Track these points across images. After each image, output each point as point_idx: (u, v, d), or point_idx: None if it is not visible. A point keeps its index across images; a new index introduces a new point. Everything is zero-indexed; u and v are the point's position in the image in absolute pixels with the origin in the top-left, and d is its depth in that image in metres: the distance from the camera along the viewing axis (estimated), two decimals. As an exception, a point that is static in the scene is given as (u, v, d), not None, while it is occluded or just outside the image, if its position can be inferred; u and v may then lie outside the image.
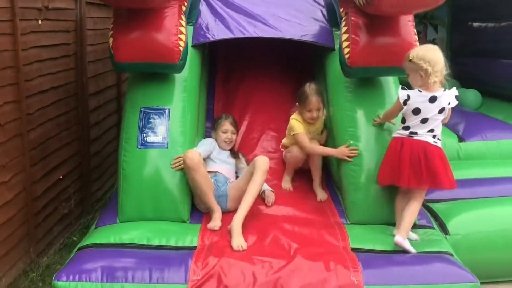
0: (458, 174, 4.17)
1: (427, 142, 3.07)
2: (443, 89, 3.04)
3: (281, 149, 3.97)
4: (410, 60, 2.98)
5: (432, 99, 3.02)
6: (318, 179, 3.69)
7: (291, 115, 3.80)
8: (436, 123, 3.07)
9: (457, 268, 2.79)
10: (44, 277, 3.69)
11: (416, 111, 3.04)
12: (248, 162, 3.72)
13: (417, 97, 3.03)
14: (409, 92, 3.05)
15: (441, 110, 3.04)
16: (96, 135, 5.02)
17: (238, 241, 2.91)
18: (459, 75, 6.90)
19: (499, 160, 4.48)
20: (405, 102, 3.04)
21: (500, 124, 4.94)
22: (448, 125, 4.95)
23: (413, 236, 3.10)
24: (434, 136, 3.09)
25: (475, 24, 6.58)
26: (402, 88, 3.10)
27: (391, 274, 2.70)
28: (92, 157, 4.92)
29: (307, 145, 3.60)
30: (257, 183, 3.16)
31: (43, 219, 3.97)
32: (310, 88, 3.63)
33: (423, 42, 7.77)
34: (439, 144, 3.12)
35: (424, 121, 3.05)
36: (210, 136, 3.94)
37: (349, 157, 3.38)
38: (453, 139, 4.65)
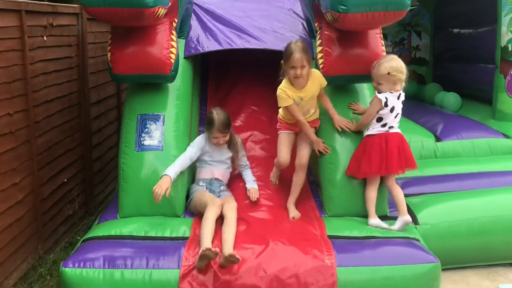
0: (434, 171, 4.54)
1: (399, 133, 3.56)
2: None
3: (278, 123, 3.87)
4: (388, 73, 3.38)
5: (399, 96, 3.50)
6: (294, 197, 3.66)
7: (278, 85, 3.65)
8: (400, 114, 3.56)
9: (421, 251, 3.10)
10: (51, 271, 3.99)
11: (392, 109, 3.48)
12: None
13: (392, 98, 3.47)
14: (386, 94, 3.46)
15: (402, 103, 3.52)
16: (98, 141, 5.32)
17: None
18: (441, 79, 7.26)
19: (473, 158, 4.78)
20: (385, 104, 3.44)
21: (475, 125, 5.23)
22: (427, 126, 5.29)
23: (385, 225, 3.43)
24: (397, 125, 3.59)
25: (456, 31, 6.88)
26: (379, 93, 3.48)
27: (361, 257, 3.01)
28: (94, 162, 5.21)
29: (299, 118, 3.56)
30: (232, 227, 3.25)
31: (49, 219, 4.27)
32: (295, 44, 3.45)
33: (407, 47, 8.10)
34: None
35: (396, 115, 3.53)
36: None
37: (321, 153, 3.65)
38: (430, 139, 4.96)
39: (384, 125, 3.51)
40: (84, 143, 4.97)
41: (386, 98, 3.44)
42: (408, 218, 3.40)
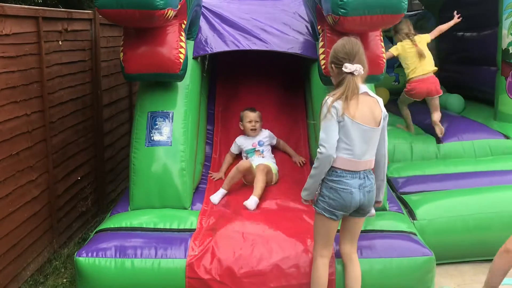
0: (435, 171, 4.64)
1: None
2: None
3: None
4: None
5: None
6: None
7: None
8: None
9: (417, 245, 3.23)
10: (66, 264, 4.16)
11: None
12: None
13: None
14: None
15: None
16: (110, 142, 5.50)
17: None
18: (445, 81, 7.33)
19: (473, 158, 4.88)
20: None
21: (476, 126, 5.32)
22: (430, 128, 5.40)
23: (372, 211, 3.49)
24: None
25: (460, 34, 6.98)
26: None
27: (359, 249, 3.11)
28: (106, 161, 5.38)
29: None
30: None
31: (64, 215, 4.44)
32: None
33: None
34: None
35: None
36: (212, 138, 4.50)
37: None
38: (432, 140, 5.07)
39: None
40: (97, 143, 5.14)
41: None
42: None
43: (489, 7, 5.80)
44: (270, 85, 5.01)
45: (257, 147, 4.38)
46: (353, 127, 2.73)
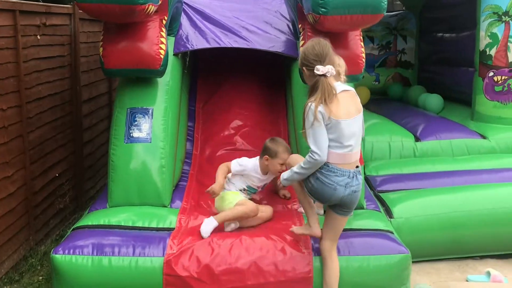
0: (413, 169, 4.71)
1: None
2: None
3: None
4: None
5: None
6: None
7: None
8: None
9: (393, 243, 3.27)
10: (42, 262, 4.11)
11: None
12: None
13: None
14: None
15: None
16: (89, 138, 5.45)
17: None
18: (425, 81, 7.47)
19: (451, 157, 4.96)
20: None
21: (454, 126, 5.41)
22: (408, 127, 5.48)
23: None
24: None
25: (439, 35, 7.09)
26: None
27: (337, 247, 3.12)
28: (85, 158, 5.33)
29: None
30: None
31: (41, 211, 4.38)
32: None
33: (393, 51, 8.31)
34: None
35: None
36: (193, 135, 4.40)
37: None
38: (410, 139, 5.14)
39: None
40: (75, 139, 5.09)
41: None
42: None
43: (467, 9, 5.90)
44: (251, 83, 5.01)
45: (259, 189, 3.71)
46: (341, 125, 2.79)
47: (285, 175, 2.98)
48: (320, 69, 2.79)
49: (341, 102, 2.81)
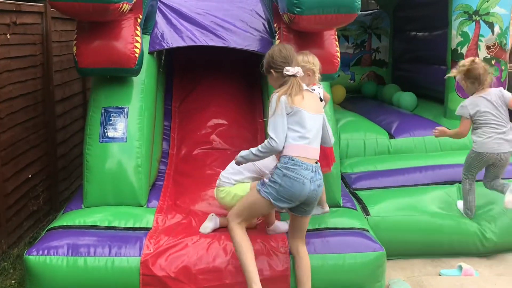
0: (387, 165, 4.79)
1: None
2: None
3: None
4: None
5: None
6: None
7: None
8: None
9: (368, 240, 3.32)
10: (15, 265, 4.02)
11: None
12: None
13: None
14: None
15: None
16: (63, 138, 5.35)
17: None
18: (399, 79, 7.59)
19: (424, 153, 5.07)
20: None
21: (427, 123, 5.50)
22: (382, 124, 5.56)
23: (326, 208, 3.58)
24: None
25: (413, 34, 7.21)
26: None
27: (313, 246, 3.19)
28: (59, 159, 5.24)
29: None
30: None
31: (14, 214, 4.29)
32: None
33: (368, 50, 8.41)
34: None
35: None
36: (169, 134, 4.38)
37: None
38: (384, 136, 5.23)
39: None
40: (49, 140, 5.00)
41: None
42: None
43: (439, 9, 6.01)
44: (228, 81, 5.01)
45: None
46: (303, 114, 2.88)
47: (243, 153, 3.03)
48: (290, 70, 2.91)
49: (305, 97, 2.94)
